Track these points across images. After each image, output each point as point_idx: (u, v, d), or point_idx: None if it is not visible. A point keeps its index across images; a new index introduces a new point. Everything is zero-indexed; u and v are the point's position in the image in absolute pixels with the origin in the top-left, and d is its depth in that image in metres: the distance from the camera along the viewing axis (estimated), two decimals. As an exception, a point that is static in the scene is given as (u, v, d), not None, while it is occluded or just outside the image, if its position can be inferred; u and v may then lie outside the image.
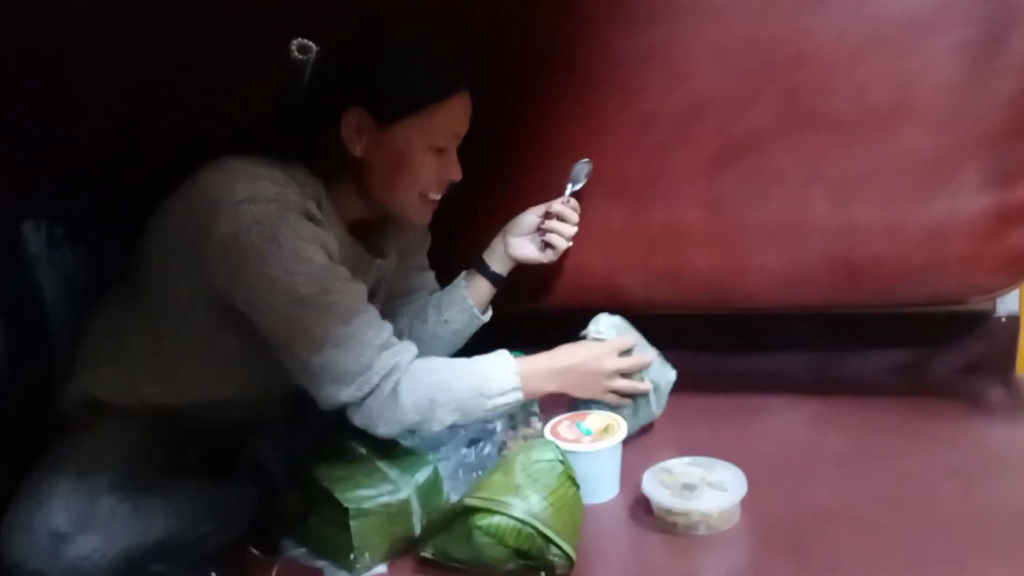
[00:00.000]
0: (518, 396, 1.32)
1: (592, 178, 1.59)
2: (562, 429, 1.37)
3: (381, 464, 1.27)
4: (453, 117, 1.32)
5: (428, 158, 1.32)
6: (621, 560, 1.24)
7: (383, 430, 1.26)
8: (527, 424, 1.50)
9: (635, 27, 1.53)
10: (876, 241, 1.47)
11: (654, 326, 1.55)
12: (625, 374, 1.45)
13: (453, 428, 1.34)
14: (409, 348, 1.29)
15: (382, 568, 1.23)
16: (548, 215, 1.56)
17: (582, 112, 1.59)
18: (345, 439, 1.32)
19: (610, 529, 1.28)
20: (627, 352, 1.46)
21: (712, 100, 1.52)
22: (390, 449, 1.31)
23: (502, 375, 1.31)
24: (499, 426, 1.45)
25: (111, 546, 1.11)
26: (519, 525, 1.14)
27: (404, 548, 1.25)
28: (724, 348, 1.77)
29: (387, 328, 1.27)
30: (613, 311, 1.53)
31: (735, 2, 1.48)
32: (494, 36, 1.62)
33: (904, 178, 1.44)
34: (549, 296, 1.69)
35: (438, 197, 1.38)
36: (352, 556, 1.19)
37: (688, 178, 1.55)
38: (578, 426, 1.37)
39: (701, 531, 1.22)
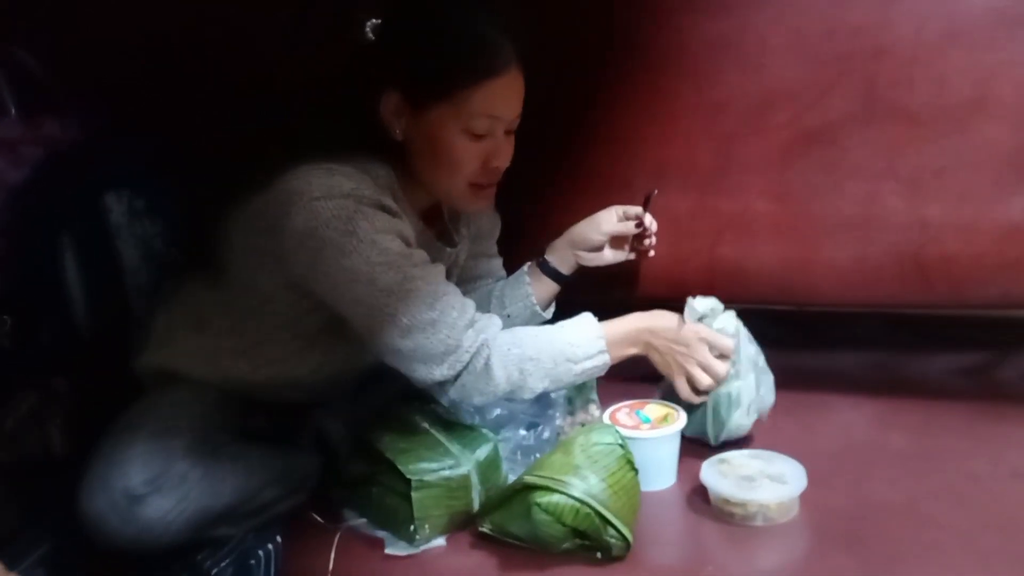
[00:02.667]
0: (605, 359, 1.32)
1: (659, 166, 1.59)
2: (621, 416, 1.37)
3: (443, 439, 1.29)
4: (489, 101, 1.25)
5: (465, 144, 1.27)
6: (677, 546, 1.24)
7: (478, 400, 1.28)
8: (585, 411, 1.50)
9: (710, 15, 1.52)
10: (948, 239, 1.45)
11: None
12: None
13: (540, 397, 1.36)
14: (493, 323, 1.29)
15: (440, 541, 1.25)
16: (634, 220, 1.53)
17: (654, 99, 1.59)
18: (408, 413, 1.35)
19: (667, 516, 1.28)
20: (723, 358, 1.37)
21: (786, 90, 1.50)
22: (452, 425, 1.33)
23: (587, 340, 1.31)
24: (558, 411, 1.45)
25: (183, 508, 1.15)
26: (577, 504, 1.15)
27: (463, 522, 1.27)
28: (787, 343, 1.75)
29: (470, 306, 1.28)
30: (674, 302, 1.52)
31: (813, -8, 1.46)
32: (570, 23, 1.62)
33: (980, 175, 1.41)
34: (610, 285, 1.69)
35: (487, 184, 1.34)
36: (412, 527, 1.22)
37: (758, 168, 1.54)
38: (637, 413, 1.38)
39: (759, 522, 1.21)
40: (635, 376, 1.58)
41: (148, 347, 1.36)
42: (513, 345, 1.27)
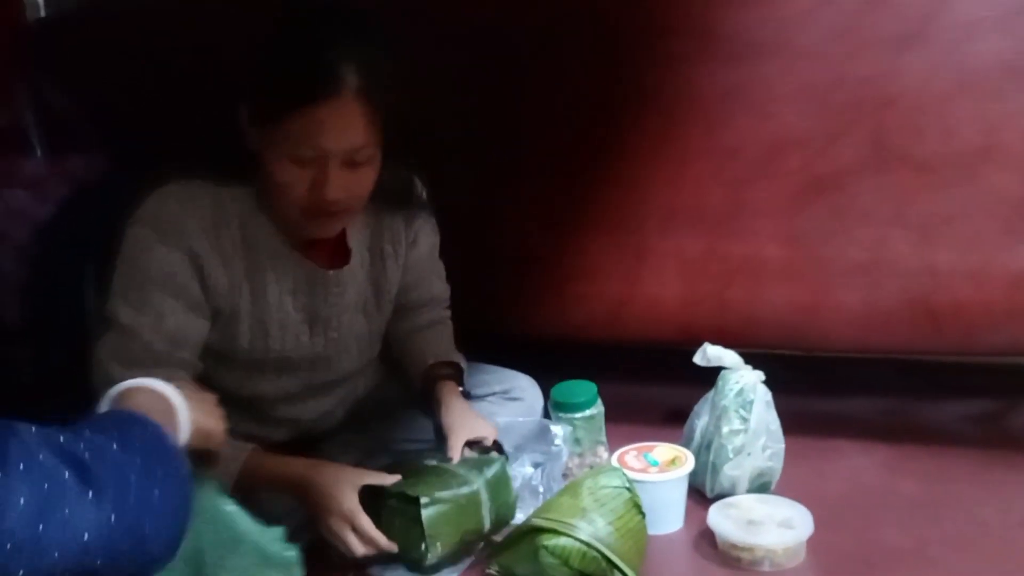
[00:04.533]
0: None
1: (670, 209, 1.60)
2: (629, 459, 1.38)
3: (450, 467, 1.30)
4: (310, 130, 1.15)
5: (290, 170, 1.18)
6: (683, 591, 1.24)
7: None
8: (594, 452, 1.51)
9: (721, 65, 1.54)
10: (958, 286, 1.46)
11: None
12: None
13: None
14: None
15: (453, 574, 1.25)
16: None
17: (665, 144, 1.61)
18: (415, 459, 1.35)
19: (674, 560, 1.29)
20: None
21: (796, 138, 1.52)
22: (461, 461, 1.33)
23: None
24: (565, 452, 1.46)
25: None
26: (584, 547, 1.15)
27: (474, 541, 1.27)
28: (797, 388, 1.76)
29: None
30: (684, 346, 1.52)
31: (823, 44, 1.48)
32: (580, 68, 1.64)
33: (989, 222, 1.43)
34: (620, 326, 1.70)
35: (322, 213, 1.23)
36: (424, 546, 1.21)
37: (768, 213, 1.56)
38: (645, 456, 1.38)
39: (766, 567, 1.22)
40: (645, 418, 1.59)
41: None
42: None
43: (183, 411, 0.90)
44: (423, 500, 1.21)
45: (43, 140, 1.83)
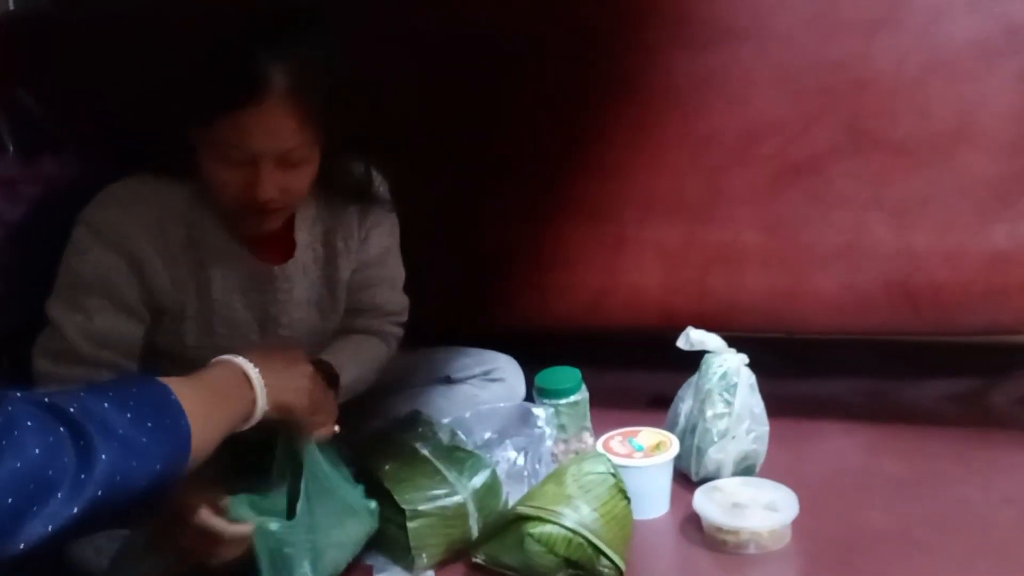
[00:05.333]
0: None
1: (648, 197, 1.61)
2: (614, 444, 1.38)
3: (441, 466, 1.29)
4: (238, 133, 1.13)
5: (221, 170, 1.17)
6: (670, 574, 1.25)
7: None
8: (579, 438, 1.51)
9: (695, 51, 1.55)
10: (935, 267, 1.47)
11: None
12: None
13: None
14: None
15: (429, 573, 1.24)
16: None
17: (641, 132, 1.61)
18: (408, 440, 1.35)
19: (659, 544, 1.29)
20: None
21: (771, 123, 1.53)
22: (452, 451, 1.33)
23: None
24: (548, 433, 1.45)
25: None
26: (570, 534, 1.15)
27: (461, 550, 1.27)
28: (778, 371, 1.77)
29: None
30: (666, 332, 1.52)
31: (796, 28, 1.49)
32: (555, 55, 1.64)
33: (965, 204, 1.44)
34: (603, 314, 1.70)
35: (258, 212, 1.21)
36: (410, 556, 1.22)
37: (746, 200, 1.56)
38: (630, 441, 1.38)
39: (751, 550, 1.22)
40: (629, 404, 1.60)
41: None
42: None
43: (259, 387, 1.02)
44: (408, 512, 1.21)
45: (15, 140, 1.80)
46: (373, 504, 1.23)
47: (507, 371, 1.57)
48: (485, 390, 1.54)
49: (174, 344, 1.29)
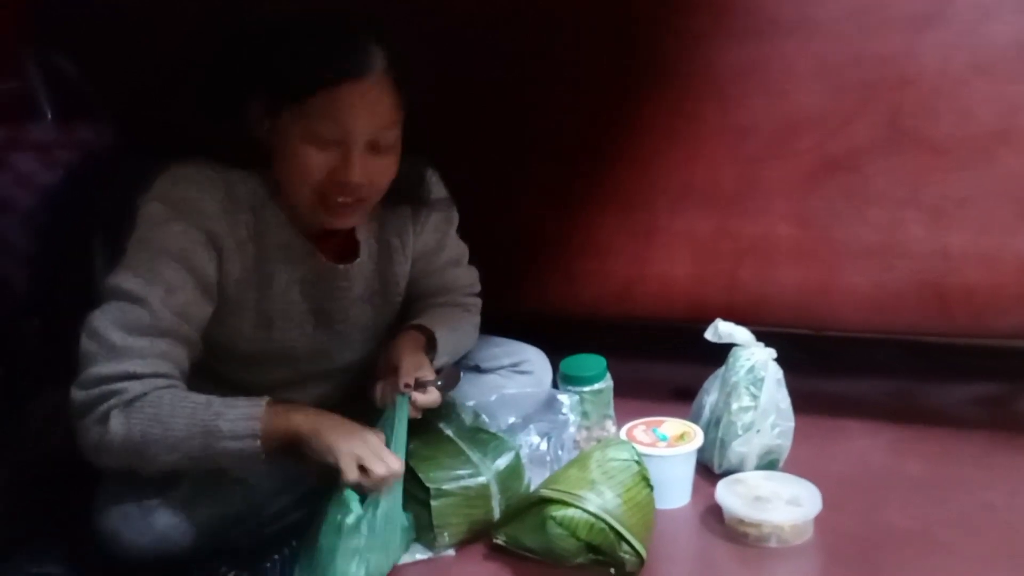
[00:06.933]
0: (254, 445, 1.11)
1: (683, 187, 1.60)
2: (638, 433, 1.38)
3: (465, 447, 1.30)
4: (334, 108, 1.14)
5: (310, 152, 1.16)
6: (690, 564, 1.25)
7: (89, 456, 1.13)
8: (602, 426, 1.51)
9: (737, 42, 1.53)
10: (970, 269, 1.46)
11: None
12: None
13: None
14: (148, 384, 1.11)
15: (451, 552, 1.25)
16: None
17: (679, 121, 1.61)
18: (432, 419, 1.35)
19: (680, 534, 1.29)
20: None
21: (810, 116, 1.52)
22: (476, 433, 1.34)
23: (239, 418, 1.11)
24: (572, 420, 1.45)
25: (195, 516, 1.17)
26: (592, 519, 1.15)
27: (483, 530, 1.27)
28: (805, 368, 1.76)
29: (150, 364, 1.12)
30: (694, 324, 1.51)
31: (841, 21, 1.47)
32: (595, 41, 1.63)
33: (1003, 206, 1.42)
34: (631, 304, 1.70)
35: (341, 200, 1.20)
36: (432, 534, 1.23)
37: (781, 193, 1.55)
38: (654, 431, 1.38)
39: (772, 543, 1.22)
40: (653, 395, 1.59)
41: None
42: (148, 404, 1.10)
43: None
44: (432, 490, 1.22)
45: (53, 106, 1.82)
46: (409, 514, 1.23)
47: (536, 364, 1.56)
48: (512, 381, 1.53)
49: (226, 336, 1.27)
